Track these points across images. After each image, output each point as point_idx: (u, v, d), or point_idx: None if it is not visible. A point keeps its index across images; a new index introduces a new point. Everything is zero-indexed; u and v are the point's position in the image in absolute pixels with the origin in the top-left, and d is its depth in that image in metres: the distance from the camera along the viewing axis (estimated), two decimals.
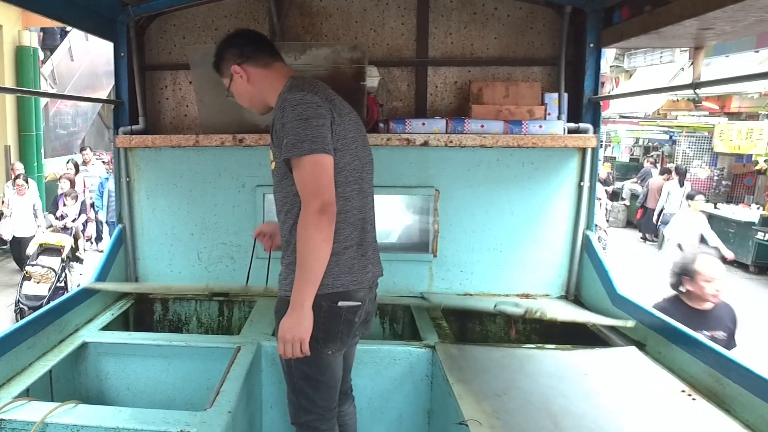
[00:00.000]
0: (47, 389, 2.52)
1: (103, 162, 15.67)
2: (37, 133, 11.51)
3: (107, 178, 10.06)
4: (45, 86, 12.14)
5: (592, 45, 3.20)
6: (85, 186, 9.86)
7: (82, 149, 11.57)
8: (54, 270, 7.09)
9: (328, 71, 2.90)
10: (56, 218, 8.29)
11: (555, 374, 2.37)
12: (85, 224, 8.90)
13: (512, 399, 2.16)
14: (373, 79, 3.18)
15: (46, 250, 7.32)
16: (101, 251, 9.86)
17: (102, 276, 3.27)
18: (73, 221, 8.30)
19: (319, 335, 2.04)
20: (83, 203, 8.69)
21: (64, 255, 7.29)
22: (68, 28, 13.00)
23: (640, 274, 9.12)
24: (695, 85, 2.39)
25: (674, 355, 2.48)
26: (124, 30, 3.37)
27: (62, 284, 7.26)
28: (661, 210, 11.31)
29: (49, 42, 14.03)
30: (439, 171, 3.34)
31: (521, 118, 3.21)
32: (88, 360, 2.84)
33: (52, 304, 2.85)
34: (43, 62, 12.86)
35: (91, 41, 13.81)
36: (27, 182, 8.72)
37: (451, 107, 3.51)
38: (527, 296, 3.42)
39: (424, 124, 3.18)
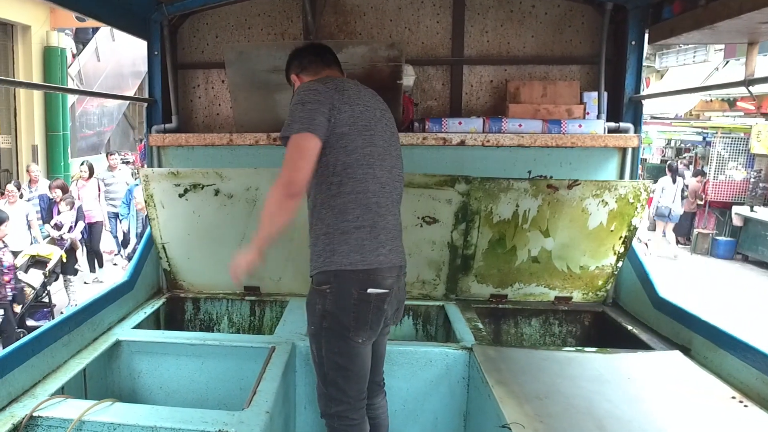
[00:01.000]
0: (81, 387, 2.55)
1: (127, 162, 15.91)
2: (64, 132, 11.76)
3: (136, 184, 8.75)
4: (72, 86, 12.38)
5: (633, 42, 3.17)
6: (100, 191, 8.76)
7: (109, 153, 10.22)
8: (32, 287, 6.37)
9: (364, 70, 2.91)
10: (52, 227, 7.40)
11: (597, 378, 2.35)
12: (83, 233, 7.96)
13: (555, 402, 2.15)
14: (408, 77, 3.19)
15: (37, 262, 6.64)
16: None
17: (134, 276, 3.31)
18: (69, 231, 7.34)
19: (351, 323, 2.12)
20: (80, 209, 7.66)
21: (47, 269, 6.56)
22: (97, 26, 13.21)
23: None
24: (748, 81, 2.35)
25: (722, 360, 2.44)
26: (158, 28, 3.42)
27: (46, 300, 6.60)
28: (656, 206, 11.36)
29: (82, 36, 14.29)
30: (475, 171, 3.31)
31: (560, 117, 3.20)
32: (122, 358, 2.87)
33: (86, 301, 2.87)
34: (75, 55, 13.10)
35: (117, 42, 14.07)
36: (19, 189, 7.69)
37: (487, 106, 3.50)
38: (564, 300, 3.39)
39: (460, 123, 3.18)
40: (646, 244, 9.10)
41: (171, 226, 3.42)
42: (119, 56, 14.48)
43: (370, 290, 2.13)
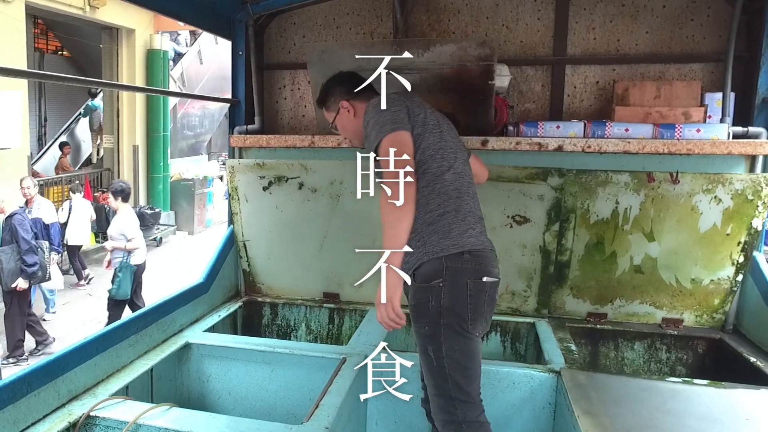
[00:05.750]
0: (147, 388, 2.67)
1: (225, 163, 16.62)
2: (164, 133, 12.53)
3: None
4: (174, 88, 13.17)
5: None
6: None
7: (23, 179, 7.19)
8: None
9: (453, 69, 2.88)
10: None
11: (707, 416, 2.17)
12: None
13: None
14: (503, 78, 3.12)
15: None
16: None
17: (210, 278, 3.43)
18: None
19: (468, 315, 2.12)
20: None
21: None
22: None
23: None
24: None
25: None
26: (243, 28, 3.57)
27: None
28: None
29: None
30: None
31: (674, 121, 3.02)
32: (191, 361, 2.99)
33: (156, 302, 2.98)
34: (195, 37, 13.79)
35: (220, 45, 14.85)
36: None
37: (591, 109, 3.37)
38: (673, 323, 3.19)
39: (558, 127, 3.08)
40: None
41: (253, 222, 3.57)
42: (221, 60, 15.26)
43: (485, 279, 2.15)
